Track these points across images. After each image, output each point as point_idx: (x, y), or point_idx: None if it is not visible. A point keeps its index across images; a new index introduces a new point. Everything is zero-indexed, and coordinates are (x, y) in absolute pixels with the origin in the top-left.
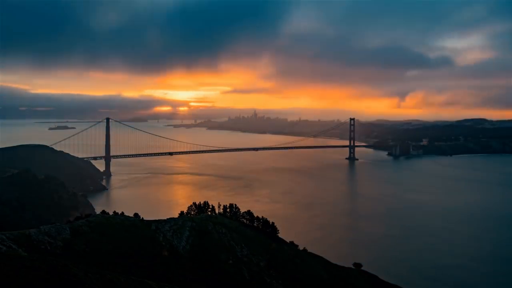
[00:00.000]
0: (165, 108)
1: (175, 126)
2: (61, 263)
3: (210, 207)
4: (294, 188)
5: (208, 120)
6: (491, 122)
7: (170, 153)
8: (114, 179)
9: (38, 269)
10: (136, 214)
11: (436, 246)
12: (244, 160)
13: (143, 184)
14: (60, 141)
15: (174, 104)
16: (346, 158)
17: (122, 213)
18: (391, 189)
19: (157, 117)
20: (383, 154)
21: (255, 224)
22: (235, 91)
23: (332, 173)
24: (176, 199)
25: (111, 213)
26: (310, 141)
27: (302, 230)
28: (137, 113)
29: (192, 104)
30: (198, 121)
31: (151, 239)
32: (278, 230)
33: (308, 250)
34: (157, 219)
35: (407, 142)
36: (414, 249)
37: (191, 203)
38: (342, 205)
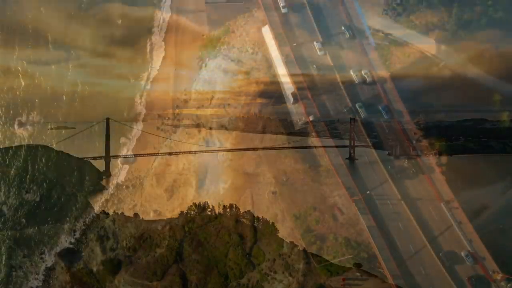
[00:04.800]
0: None
1: (175, 126)
2: (62, 263)
3: (210, 207)
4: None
5: (207, 120)
6: (491, 122)
7: (170, 153)
8: (114, 179)
9: None
10: (136, 215)
11: None
12: (243, 160)
13: (143, 184)
14: (60, 141)
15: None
16: (346, 158)
17: (122, 213)
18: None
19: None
20: (383, 154)
21: (255, 224)
22: None
23: (332, 173)
24: (176, 199)
25: (111, 213)
26: (310, 141)
27: (298, 229)
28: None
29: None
30: (197, 121)
31: (151, 239)
32: (278, 230)
33: (308, 251)
34: (157, 219)
35: (407, 142)
36: None
37: (191, 203)
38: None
